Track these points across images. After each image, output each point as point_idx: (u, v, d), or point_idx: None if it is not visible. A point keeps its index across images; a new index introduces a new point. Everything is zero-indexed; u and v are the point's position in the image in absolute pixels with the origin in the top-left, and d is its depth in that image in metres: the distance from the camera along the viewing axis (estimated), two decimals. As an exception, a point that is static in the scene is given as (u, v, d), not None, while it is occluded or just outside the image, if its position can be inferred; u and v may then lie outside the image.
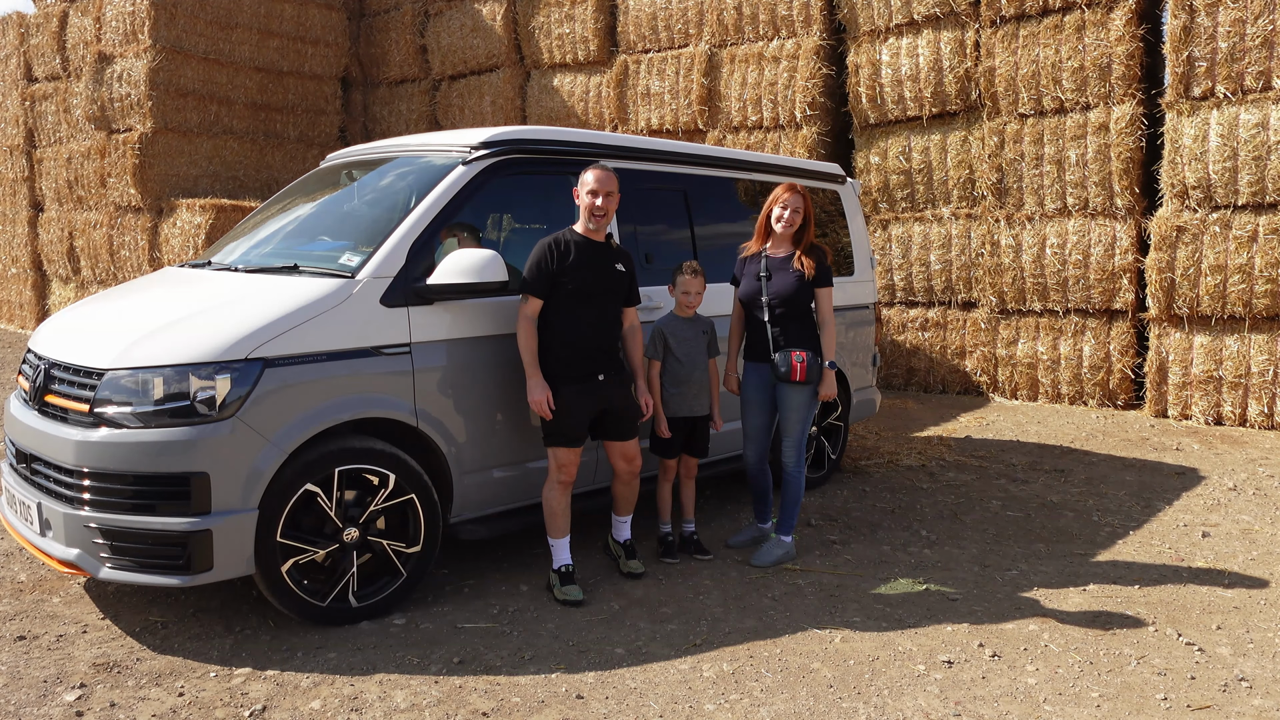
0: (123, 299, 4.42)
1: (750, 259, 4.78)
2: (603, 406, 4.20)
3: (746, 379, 4.79)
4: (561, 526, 4.21)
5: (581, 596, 4.14)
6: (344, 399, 3.80)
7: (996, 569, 4.66)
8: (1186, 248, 7.80)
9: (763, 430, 4.79)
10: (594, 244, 4.16)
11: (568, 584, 4.17)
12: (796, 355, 4.52)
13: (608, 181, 4.11)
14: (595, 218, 4.11)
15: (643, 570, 4.48)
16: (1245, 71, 7.51)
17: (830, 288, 4.66)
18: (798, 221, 4.63)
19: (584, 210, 4.14)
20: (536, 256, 4.09)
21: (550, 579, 4.25)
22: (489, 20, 11.88)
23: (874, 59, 9.40)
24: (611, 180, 4.13)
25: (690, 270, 4.63)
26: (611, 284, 4.19)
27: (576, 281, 4.07)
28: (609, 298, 4.19)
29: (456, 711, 3.25)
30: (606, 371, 4.18)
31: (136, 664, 3.55)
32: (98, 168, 11.91)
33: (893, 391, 9.67)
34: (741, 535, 4.98)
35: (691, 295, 4.62)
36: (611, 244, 4.26)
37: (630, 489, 4.45)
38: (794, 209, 4.61)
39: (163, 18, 10.97)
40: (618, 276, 4.21)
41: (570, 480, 4.19)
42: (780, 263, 4.65)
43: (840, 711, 3.28)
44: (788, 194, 4.63)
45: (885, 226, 9.61)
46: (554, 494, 4.18)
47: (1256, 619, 4.05)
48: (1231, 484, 6.17)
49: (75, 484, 3.58)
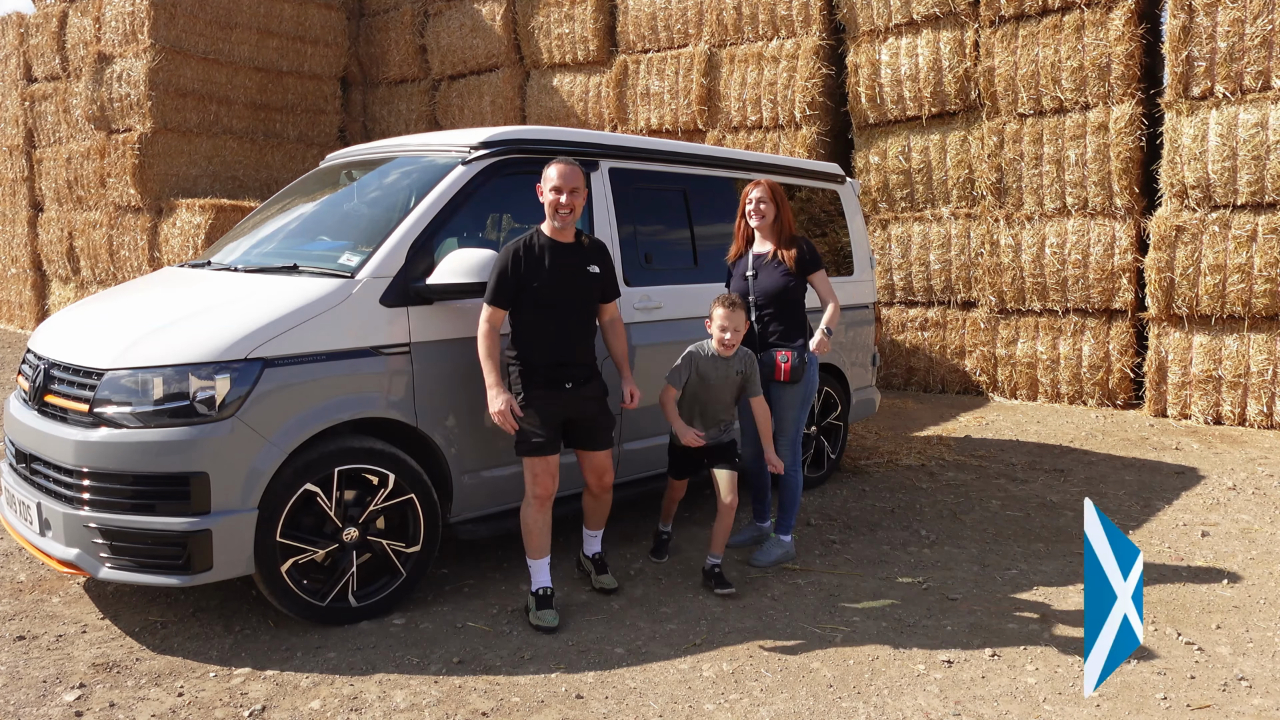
0: (122, 299, 4.42)
1: (737, 261, 4.80)
2: (571, 414, 3.98)
3: None
4: (539, 546, 3.94)
5: (556, 623, 3.86)
6: (343, 399, 3.79)
7: (996, 569, 4.66)
8: (1186, 247, 7.80)
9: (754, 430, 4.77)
10: (562, 246, 3.91)
11: (543, 608, 3.90)
12: (781, 355, 4.54)
13: (572, 177, 3.84)
14: (560, 216, 3.85)
15: (616, 586, 4.26)
16: (1244, 71, 7.51)
17: (823, 270, 4.67)
18: (770, 211, 4.62)
19: (549, 209, 3.87)
20: (499, 264, 3.84)
21: (528, 602, 4.01)
22: (488, 20, 11.88)
23: (873, 59, 9.40)
24: (576, 175, 3.86)
25: (726, 304, 4.21)
26: (582, 287, 3.95)
27: (543, 286, 3.84)
28: (580, 302, 3.96)
29: (456, 711, 3.25)
30: (575, 379, 3.94)
31: (136, 664, 3.55)
32: (97, 168, 11.91)
33: (892, 391, 9.67)
34: (741, 535, 4.98)
35: (730, 333, 4.20)
36: (582, 241, 4.00)
37: (600, 503, 4.22)
38: (759, 199, 4.61)
39: (162, 18, 10.97)
40: (589, 279, 3.96)
41: (546, 495, 3.92)
42: (765, 258, 4.67)
43: (840, 711, 3.28)
44: (751, 188, 4.64)
45: (885, 226, 9.61)
46: (529, 511, 3.92)
47: (1256, 618, 4.05)
48: (1231, 483, 6.17)
49: (75, 484, 3.58)
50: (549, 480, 3.92)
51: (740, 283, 4.70)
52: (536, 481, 3.91)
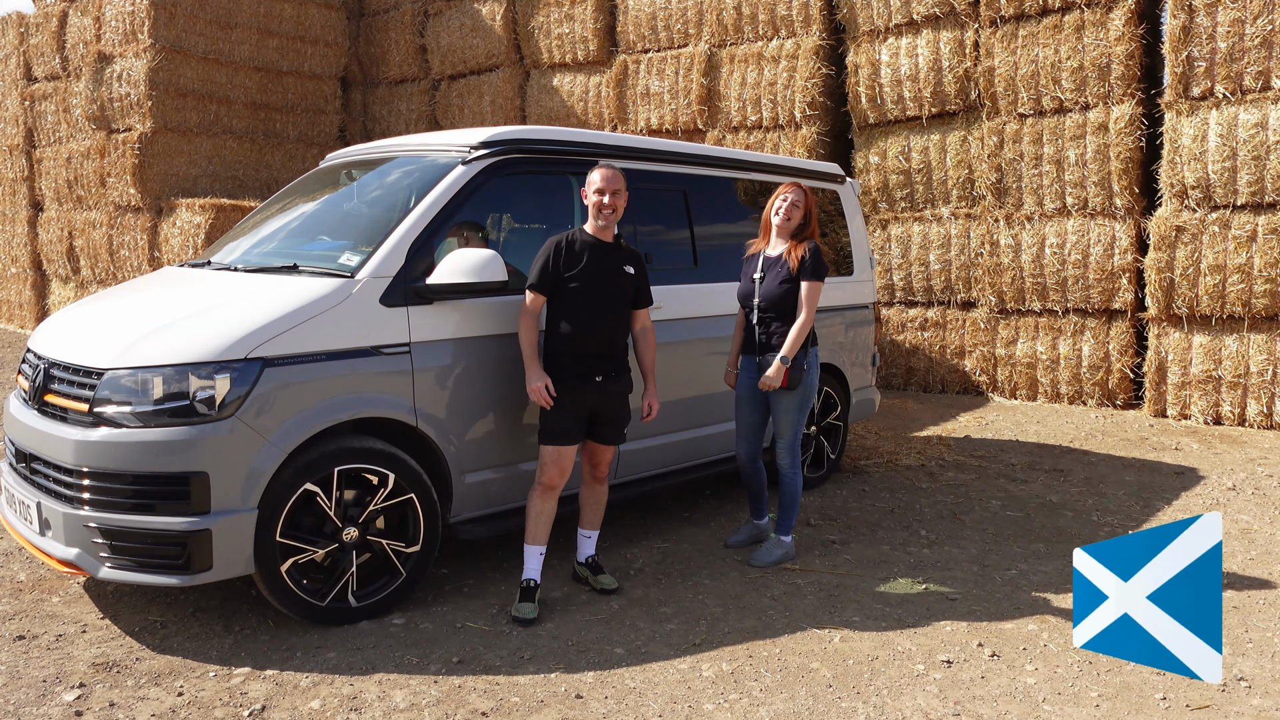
0: (122, 299, 4.42)
1: (750, 258, 4.80)
2: (597, 408, 4.13)
3: (741, 375, 4.80)
4: (535, 532, 4.06)
5: (533, 616, 3.94)
6: (343, 398, 3.79)
7: (996, 569, 4.66)
8: (1185, 247, 7.80)
9: (755, 428, 4.79)
10: (602, 244, 4.11)
11: (525, 600, 3.99)
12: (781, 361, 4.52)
13: (615, 180, 4.07)
14: (604, 216, 4.06)
15: (616, 586, 4.29)
16: (1244, 71, 7.51)
17: (816, 282, 4.53)
18: (796, 216, 4.63)
19: (592, 209, 4.08)
20: (542, 254, 4.06)
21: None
22: (488, 20, 11.88)
23: (873, 59, 9.40)
24: (619, 179, 4.09)
25: None
26: (618, 285, 4.12)
27: (581, 281, 4.03)
28: (615, 299, 4.12)
29: (456, 711, 3.25)
30: (605, 374, 4.11)
31: (136, 664, 3.55)
32: (97, 167, 11.91)
33: (892, 391, 9.67)
34: (739, 534, 4.98)
35: None
36: (620, 244, 4.20)
37: (595, 495, 4.31)
38: (792, 202, 4.62)
39: (162, 17, 10.97)
40: (625, 278, 4.14)
41: (552, 485, 4.05)
42: (774, 261, 4.66)
43: (839, 711, 3.28)
44: (789, 189, 4.66)
45: (885, 226, 9.61)
46: (533, 496, 4.08)
47: (1255, 619, 4.05)
48: (1230, 484, 6.17)
49: (75, 483, 3.58)
50: (557, 473, 4.06)
51: (747, 284, 4.72)
52: (546, 471, 4.05)
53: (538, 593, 4.05)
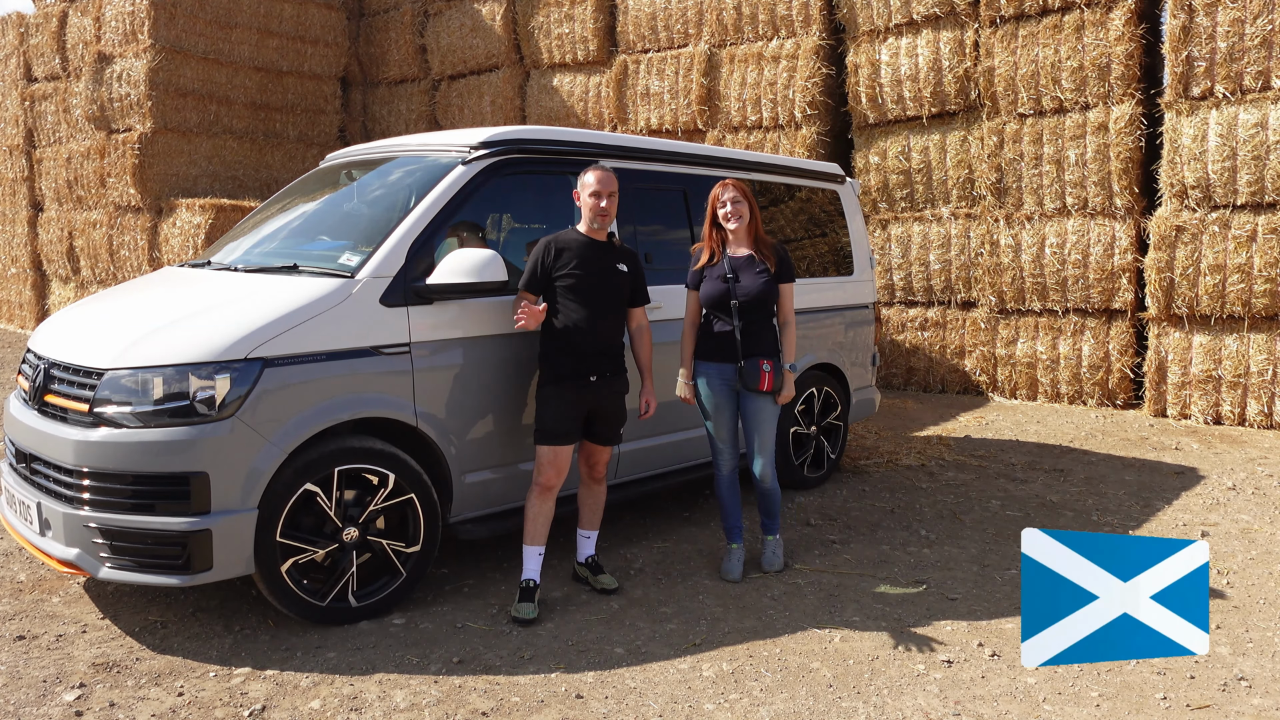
0: (122, 299, 4.42)
1: (709, 266, 4.49)
2: (593, 407, 4.12)
3: (710, 383, 4.47)
4: (533, 533, 4.05)
5: (532, 616, 3.93)
6: (343, 399, 3.80)
7: (996, 569, 4.66)
8: (1185, 247, 7.80)
9: (733, 441, 4.53)
10: (595, 243, 4.12)
11: (524, 600, 3.99)
12: (765, 364, 4.35)
13: (609, 182, 4.08)
14: (598, 217, 4.07)
15: (616, 585, 4.28)
16: (1244, 71, 7.51)
17: (792, 284, 4.49)
18: (745, 211, 4.43)
19: (586, 211, 4.10)
20: (534, 254, 4.09)
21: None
22: (488, 20, 11.88)
23: (873, 59, 9.40)
24: (612, 180, 4.10)
25: None
26: (612, 284, 4.12)
27: (575, 280, 4.03)
28: (609, 298, 4.12)
29: (456, 711, 3.25)
30: (601, 373, 4.10)
31: (136, 664, 3.56)
32: (97, 168, 11.91)
33: (892, 391, 9.67)
34: (730, 565, 4.54)
35: None
36: (614, 243, 4.21)
37: (594, 494, 4.31)
38: (734, 200, 4.41)
39: (162, 17, 10.97)
40: (618, 276, 4.14)
41: (549, 485, 4.03)
42: (744, 262, 4.44)
43: (840, 711, 3.28)
44: (722, 189, 4.44)
45: (885, 226, 9.61)
46: (531, 497, 4.06)
47: (1256, 619, 4.05)
48: (1230, 483, 6.17)
49: (75, 484, 3.58)
50: (554, 472, 4.05)
51: (719, 285, 4.40)
52: (543, 471, 4.04)
53: (537, 593, 4.05)
